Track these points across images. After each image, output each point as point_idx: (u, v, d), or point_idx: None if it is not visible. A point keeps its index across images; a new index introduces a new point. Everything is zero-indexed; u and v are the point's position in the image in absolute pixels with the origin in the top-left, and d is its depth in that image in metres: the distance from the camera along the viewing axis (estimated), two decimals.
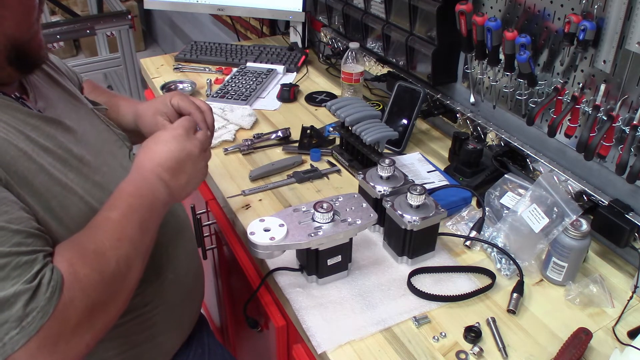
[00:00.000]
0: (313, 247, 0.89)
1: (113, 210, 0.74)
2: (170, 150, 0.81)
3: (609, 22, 0.93)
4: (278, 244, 0.87)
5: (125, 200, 0.75)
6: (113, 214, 0.73)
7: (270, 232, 0.88)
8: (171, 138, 0.82)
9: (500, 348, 0.85)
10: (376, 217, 0.94)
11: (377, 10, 1.52)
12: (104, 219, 0.72)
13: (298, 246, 0.88)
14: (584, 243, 0.93)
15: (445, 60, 1.35)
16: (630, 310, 0.93)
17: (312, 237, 0.87)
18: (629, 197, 1.01)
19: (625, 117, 0.96)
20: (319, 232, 0.88)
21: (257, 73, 1.73)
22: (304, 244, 0.88)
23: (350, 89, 1.56)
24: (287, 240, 0.87)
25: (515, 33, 1.05)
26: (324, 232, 0.89)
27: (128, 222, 0.73)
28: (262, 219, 0.90)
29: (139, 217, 0.74)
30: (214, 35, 3.03)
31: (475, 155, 1.23)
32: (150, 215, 0.77)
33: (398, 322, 0.89)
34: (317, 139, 1.37)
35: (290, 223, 0.90)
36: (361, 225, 0.91)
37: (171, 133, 0.83)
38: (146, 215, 0.76)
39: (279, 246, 0.87)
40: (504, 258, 1.01)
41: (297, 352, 0.95)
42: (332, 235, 0.89)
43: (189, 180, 0.83)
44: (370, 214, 0.93)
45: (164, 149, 0.81)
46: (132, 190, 0.77)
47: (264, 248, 0.87)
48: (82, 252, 0.67)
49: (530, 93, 1.15)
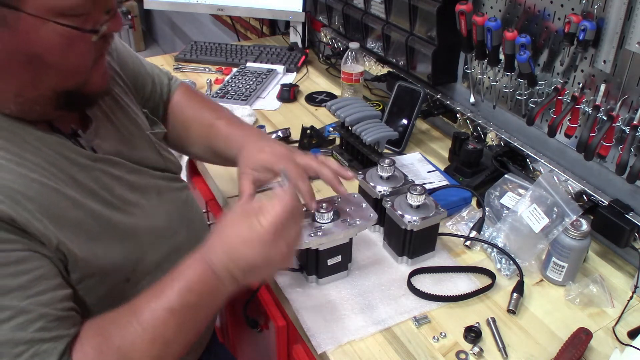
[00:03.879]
0: (313, 247, 0.89)
1: (161, 298, 0.66)
2: (251, 255, 0.70)
3: (609, 22, 0.93)
4: None
5: (180, 292, 0.67)
6: (158, 305, 0.66)
7: None
8: (258, 239, 0.70)
9: (500, 348, 0.85)
10: (376, 217, 0.93)
11: (377, 10, 1.52)
12: (148, 309, 0.66)
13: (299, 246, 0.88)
14: (584, 243, 0.93)
15: (445, 60, 1.35)
16: (630, 310, 0.93)
17: (312, 237, 0.87)
18: (629, 197, 1.01)
19: (625, 117, 0.96)
20: (319, 232, 0.88)
21: (257, 73, 1.73)
22: (304, 244, 0.88)
23: (350, 89, 1.56)
24: None
25: (515, 33, 1.05)
26: (324, 232, 0.89)
27: (172, 320, 0.66)
28: None
29: (187, 317, 0.67)
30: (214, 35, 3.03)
31: (475, 155, 1.23)
32: (202, 314, 0.70)
33: (398, 322, 0.89)
34: (317, 139, 1.37)
35: None
36: (361, 225, 0.91)
37: (258, 236, 0.70)
38: (197, 315, 0.69)
39: None
40: (504, 258, 1.01)
41: (297, 352, 0.95)
42: (332, 236, 0.89)
43: (258, 278, 0.76)
44: (370, 214, 0.93)
45: (246, 251, 0.69)
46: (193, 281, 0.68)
47: None
48: (105, 346, 0.63)
49: (530, 93, 1.15)
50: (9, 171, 0.64)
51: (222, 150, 0.99)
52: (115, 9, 0.67)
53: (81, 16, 0.63)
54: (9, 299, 0.60)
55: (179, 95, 1.07)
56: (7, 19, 0.58)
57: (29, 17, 0.59)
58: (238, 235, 0.70)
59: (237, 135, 0.97)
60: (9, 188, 0.62)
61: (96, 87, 0.73)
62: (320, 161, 0.91)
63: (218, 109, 1.06)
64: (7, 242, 0.61)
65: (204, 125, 1.02)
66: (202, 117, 1.03)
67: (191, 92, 1.10)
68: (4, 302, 0.59)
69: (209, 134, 1.01)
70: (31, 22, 0.59)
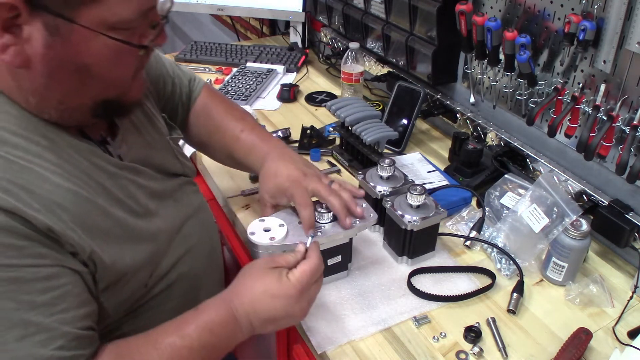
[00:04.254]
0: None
1: (182, 334, 0.70)
2: (275, 308, 0.74)
3: (609, 22, 0.93)
4: (278, 244, 0.86)
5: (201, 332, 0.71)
6: (179, 342, 0.69)
7: (270, 232, 0.88)
8: (282, 297, 0.73)
9: (500, 348, 0.84)
10: (376, 217, 0.93)
11: (377, 10, 1.52)
12: (168, 343, 0.69)
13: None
14: (584, 243, 0.93)
15: (445, 60, 1.35)
16: (630, 310, 0.93)
17: (313, 238, 0.87)
18: (629, 197, 1.01)
19: (625, 117, 0.96)
20: (319, 232, 0.88)
21: (257, 73, 1.72)
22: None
23: (350, 89, 1.56)
24: (288, 241, 0.87)
25: (515, 33, 1.05)
26: (324, 232, 0.89)
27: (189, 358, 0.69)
28: (262, 219, 0.90)
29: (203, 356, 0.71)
30: (214, 35, 3.03)
31: (475, 155, 1.23)
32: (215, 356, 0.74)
33: (398, 322, 0.89)
34: (317, 139, 1.37)
35: (290, 223, 0.90)
36: (361, 225, 0.91)
37: (286, 291, 0.73)
38: (211, 356, 0.73)
39: (279, 246, 0.87)
40: (504, 258, 1.01)
41: (297, 352, 0.95)
42: (333, 236, 0.89)
43: (274, 330, 0.79)
44: (370, 214, 0.93)
45: (271, 303, 0.73)
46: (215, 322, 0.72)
47: (264, 248, 0.86)
48: None
49: (530, 93, 1.15)
50: (46, 180, 0.64)
51: (245, 162, 1.03)
52: (162, 24, 0.69)
53: (129, 30, 0.64)
54: (34, 315, 0.60)
55: (203, 99, 1.08)
56: (60, 29, 0.60)
57: (82, 29, 0.60)
58: (265, 288, 0.74)
59: (260, 150, 1.00)
60: (46, 198, 0.63)
61: (133, 98, 0.75)
62: (331, 190, 0.91)
63: (243, 118, 1.07)
64: (40, 257, 0.61)
65: (229, 136, 1.03)
66: (227, 127, 1.04)
67: (216, 96, 1.10)
68: (29, 317, 0.60)
69: (234, 146, 1.03)
70: (84, 34, 0.61)
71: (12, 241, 0.59)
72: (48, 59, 0.61)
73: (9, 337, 0.58)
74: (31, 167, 0.63)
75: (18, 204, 0.59)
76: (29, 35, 0.59)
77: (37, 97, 0.65)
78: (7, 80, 0.64)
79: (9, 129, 0.64)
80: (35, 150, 0.65)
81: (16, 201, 0.59)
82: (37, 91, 0.64)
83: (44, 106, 0.66)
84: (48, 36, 0.60)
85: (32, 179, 0.63)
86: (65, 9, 0.58)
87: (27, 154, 0.64)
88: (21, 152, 0.63)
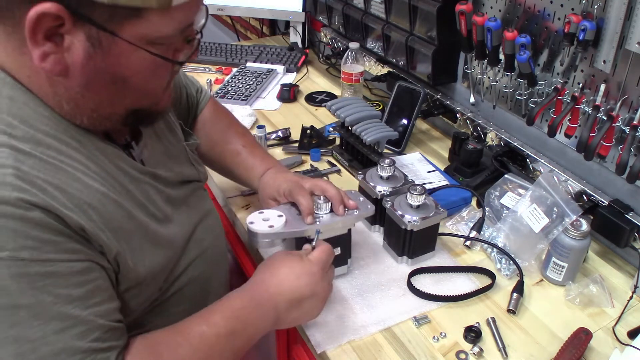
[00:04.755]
0: (312, 235, 0.90)
1: (211, 325, 0.73)
2: (300, 286, 0.79)
3: (609, 22, 0.93)
4: (277, 232, 0.87)
5: (227, 320, 0.74)
6: (208, 331, 0.72)
7: (269, 221, 0.88)
8: (306, 272, 0.79)
9: (500, 348, 0.84)
10: (374, 209, 0.95)
11: (377, 10, 1.52)
12: (197, 332, 0.72)
13: (297, 234, 0.89)
14: (584, 243, 0.93)
15: (445, 60, 1.35)
16: (630, 310, 0.93)
17: (311, 225, 0.88)
18: (629, 197, 1.01)
19: (625, 117, 0.96)
20: (318, 221, 0.89)
21: (257, 73, 1.73)
22: (303, 231, 0.88)
23: (350, 89, 1.56)
24: (287, 228, 0.88)
25: (515, 33, 1.05)
26: (323, 221, 0.89)
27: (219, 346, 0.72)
28: (261, 211, 0.91)
29: (232, 346, 0.74)
30: (214, 35, 3.03)
31: (475, 155, 1.23)
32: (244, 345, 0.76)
33: (398, 322, 0.89)
34: (317, 139, 1.37)
35: (289, 215, 0.90)
36: (359, 215, 0.92)
37: (310, 268, 0.80)
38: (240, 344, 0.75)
39: (279, 234, 0.87)
40: (504, 258, 1.01)
41: (297, 352, 0.95)
42: (331, 224, 0.90)
43: (300, 317, 0.82)
44: (367, 206, 0.94)
45: (294, 282, 0.79)
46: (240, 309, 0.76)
47: (263, 236, 0.87)
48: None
49: (530, 93, 1.15)
50: (77, 180, 0.65)
51: (243, 177, 1.08)
52: (197, 39, 0.71)
53: (166, 44, 0.66)
54: (72, 308, 0.61)
55: (207, 112, 1.11)
56: (102, 42, 0.61)
57: (123, 43, 0.61)
58: (289, 269, 0.80)
59: (260, 167, 1.05)
60: (77, 198, 0.64)
61: (162, 107, 0.76)
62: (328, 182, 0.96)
63: (244, 134, 1.12)
64: (74, 252, 0.63)
65: (229, 151, 1.08)
66: (228, 142, 1.08)
67: (219, 110, 1.14)
68: (67, 310, 0.61)
69: (233, 161, 1.08)
70: (124, 47, 0.62)
71: (49, 237, 0.60)
72: (87, 69, 0.62)
73: (48, 330, 0.60)
74: (64, 167, 0.64)
75: (54, 203, 0.60)
76: (69, 45, 0.60)
77: (71, 104, 0.66)
78: (44, 85, 0.65)
79: (42, 129, 0.65)
80: (66, 151, 0.66)
81: (52, 200, 0.60)
82: (73, 99, 0.65)
83: (78, 113, 0.67)
84: (89, 47, 0.60)
85: (65, 179, 0.64)
86: (109, 22, 0.59)
87: (59, 154, 0.65)
88: (54, 153, 0.64)
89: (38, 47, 0.59)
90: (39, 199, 0.59)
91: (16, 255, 0.57)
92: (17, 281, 0.58)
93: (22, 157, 0.61)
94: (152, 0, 0.59)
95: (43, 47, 0.59)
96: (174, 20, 0.63)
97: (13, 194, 0.57)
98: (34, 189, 0.59)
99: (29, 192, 0.59)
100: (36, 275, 0.59)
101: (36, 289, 0.59)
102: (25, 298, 0.58)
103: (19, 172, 0.59)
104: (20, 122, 0.63)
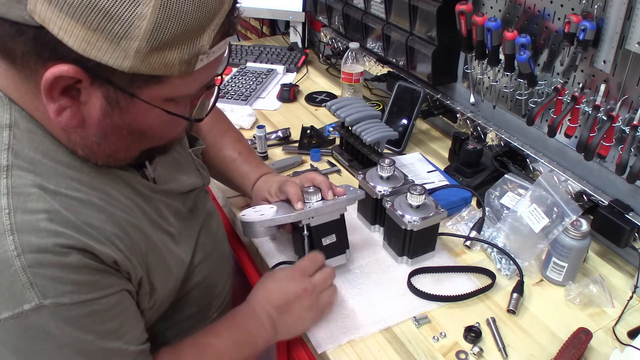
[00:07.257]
0: (304, 221, 0.91)
1: (219, 337, 0.81)
2: (282, 289, 0.85)
3: (609, 22, 0.93)
4: (267, 218, 0.90)
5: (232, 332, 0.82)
6: (217, 342, 0.80)
7: (260, 212, 0.92)
8: (287, 277, 0.86)
9: (500, 348, 0.85)
10: (363, 194, 0.96)
11: (377, 10, 1.52)
12: (208, 344, 0.79)
13: (288, 219, 0.90)
14: (584, 243, 0.93)
15: (445, 60, 1.35)
16: (630, 310, 0.93)
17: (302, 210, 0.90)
18: (629, 197, 1.01)
19: (625, 117, 0.96)
20: (308, 207, 0.91)
21: (257, 73, 1.73)
22: (294, 216, 0.90)
23: (350, 89, 1.56)
24: (277, 215, 0.90)
25: (515, 33, 1.05)
26: (313, 207, 0.91)
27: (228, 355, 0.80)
28: (254, 208, 0.95)
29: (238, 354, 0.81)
30: None
31: (475, 155, 1.23)
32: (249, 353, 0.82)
33: (398, 322, 0.89)
34: (317, 139, 1.37)
35: (281, 207, 0.93)
36: (349, 198, 0.93)
37: (289, 273, 0.87)
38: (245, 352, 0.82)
39: (269, 220, 0.89)
40: (504, 258, 1.01)
41: (297, 352, 0.95)
42: (322, 208, 0.91)
43: (296, 321, 0.86)
44: (357, 191, 0.96)
45: (276, 287, 0.86)
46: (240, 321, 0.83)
47: (254, 225, 0.90)
48: None
49: (530, 93, 1.15)
50: (101, 211, 0.65)
51: (237, 183, 1.09)
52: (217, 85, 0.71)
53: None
54: (109, 342, 0.65)
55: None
56: (120, 102, 0.60)
57: (141, 103, 0.60)
58: (273, 278, 0.88)
59: (252, 174, 1.07)
60: (105, 230, 0.64)
61: (175, 145, 0.78)
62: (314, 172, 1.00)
63: (240, 140, 1.12)
64: (110, 287, 0.64)
65: (226, 156, 1.09)
66: (225, 146, 1.09)
67: (218, 115, 1.14)
68: (105, 344, 0.64)
69: (228, 167, 1.09)
70: (142, 106, 0.61)
71: (86, 278, 0.61)
72: (104, 124, 0.61)
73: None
74: (88, 198, 0.64)
75: (88, 241, 0.61)
76: (86, 99, 0.59)
77: (87, 151, 0.65)
78: (59, 131, 0.64)
79: (63, 161, 0.64)
80: (87, 180, 0.66)
81: (86, 238, 0.61)
82: (88, 147, 0.65)
83: (92, 157, 0.66)
84: (106, 105, 0.59)
85: (91, 212, 0.63)
86: (129, 86, 0.58)
87: (82, 186, 0.65)
88: (77, 184, 0.64)
89: (54, 102, 0.57)
90: (74, 240, 0.59)
91: (58, 301, 0.58)
92: (61, 327, 0.60)
93: (50, 196, 0.60)
94: (175, 69, 0.57)
95: (59, 102, 0.58)
96: (196, 81, 0.62)
97: (49, 240, 0.58)
98: (68, 230, 0.59)
99: (64, 235, 0.59)
100: (77, 317, 0.61)
101: (78, 330, 0.61)
102: (69, 339, 0.61)
103: (51, 215, 0.59)
104: (43, 156, 0.62)
